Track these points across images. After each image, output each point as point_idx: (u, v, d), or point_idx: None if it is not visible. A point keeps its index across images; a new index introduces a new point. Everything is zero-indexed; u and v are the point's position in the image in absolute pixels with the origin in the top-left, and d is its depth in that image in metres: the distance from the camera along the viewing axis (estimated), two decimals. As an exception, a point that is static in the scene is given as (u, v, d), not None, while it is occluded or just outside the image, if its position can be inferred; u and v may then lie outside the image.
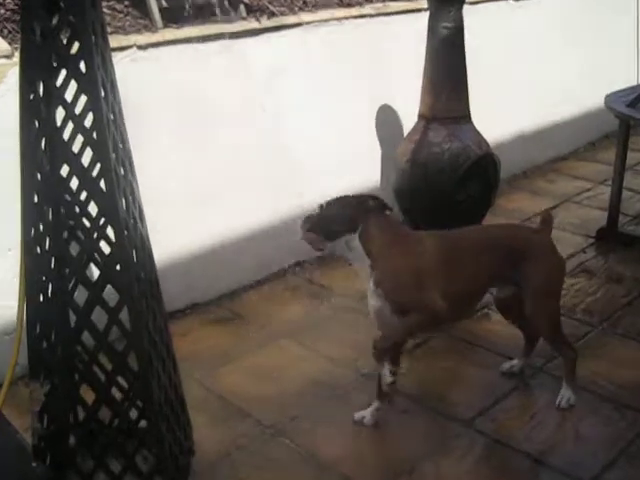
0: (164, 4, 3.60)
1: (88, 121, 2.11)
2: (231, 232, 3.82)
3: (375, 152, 4.45)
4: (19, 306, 2.30)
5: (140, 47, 3.28)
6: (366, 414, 2.85)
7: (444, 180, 3.86)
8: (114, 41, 3.16)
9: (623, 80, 5.34)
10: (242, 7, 3.80)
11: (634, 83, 5.11)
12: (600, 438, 2.74)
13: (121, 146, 2.24)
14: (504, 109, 5.17)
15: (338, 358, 3.27)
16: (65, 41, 2.10)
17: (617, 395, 2.96)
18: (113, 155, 2.14)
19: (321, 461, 2.64)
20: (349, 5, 4.25)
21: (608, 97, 4.31)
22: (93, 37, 2.06)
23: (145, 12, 3.50)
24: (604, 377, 3.07)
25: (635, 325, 3.45)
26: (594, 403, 2.92)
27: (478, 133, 4.04)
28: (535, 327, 2.94)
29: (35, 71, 2.09)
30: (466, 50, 3.93)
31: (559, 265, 2.95)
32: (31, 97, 2.10)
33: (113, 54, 2.61)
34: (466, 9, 3.91)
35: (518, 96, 5.33)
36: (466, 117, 3.99)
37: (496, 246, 2.84)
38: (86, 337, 2.27)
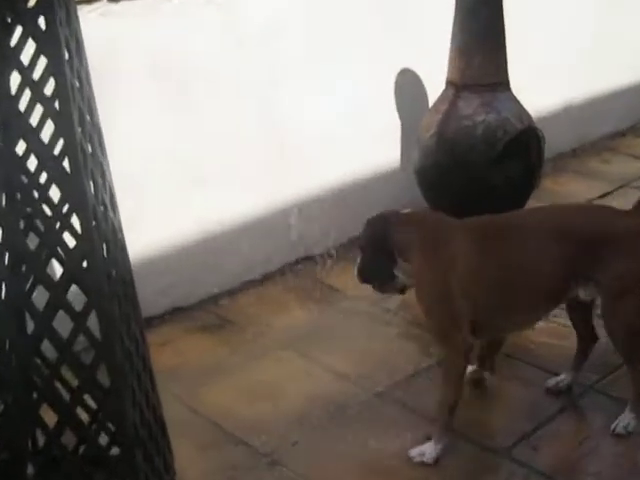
0: (140, -53, 3.60)
1: (49, 88, 2.10)
2: (221, 223, 3.85)
3: (393, 127, 4.46)
4: (-34, 310, 2.30)
5: (111, -1, 3.29)
6: (425, 450, 2.80)
7: (477, 159, 3.88)
8: (81, -8, 3.17)
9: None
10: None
11: None
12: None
13: (88, 118, 2.24)
14: (550, 75, 5.17)
15: (349, 373, 3.29)
16: (21, -8, 2.11)
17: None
18: (79, 129, 2.14)
19: (328, 496, 2.67)
20: (363, -52, 4.25)
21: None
22: (55, -13, 2.06)
23: (117, -43, 3.50)
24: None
25: None
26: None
27: (518, 103, 4.05)
28: (609, 334, 2.87)
29: (-15, 28, 2.09)
30: (505, 5, 3.94)
31: None
32: (-20, 59, 2.10)
33: (79, 7, 2.62)
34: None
35: (568, 60, 5.32)
36: (504, 84, 4.00)
37: (568, 234, 2.76)
38: (47, 347, 2.26)
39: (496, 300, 2.81)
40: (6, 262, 2.23)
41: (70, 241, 2.19)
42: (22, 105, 2.14)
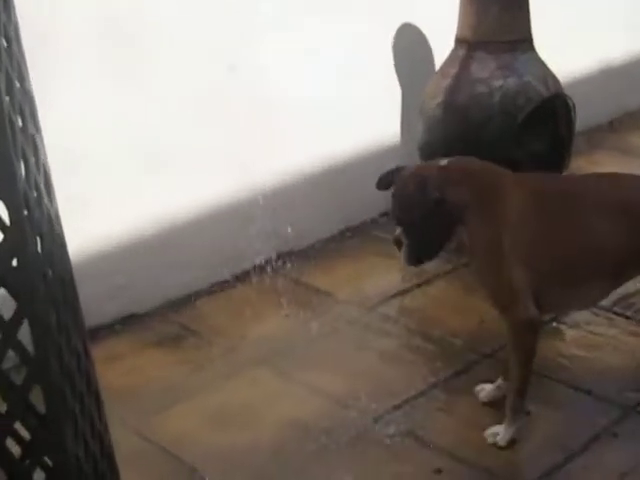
0: None
1: (-32, 48, 2.10)
2: (183, 213, 3.85)
3: (393, 94, 4.46)
4: None
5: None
6: (499, 431, 3.01)
7: (494, 132, 3.89)
8: None
9: None
10: None
11: None
12: None
13: (18, 85, 2.23)
14: (583, 33, 5.18)
15: (338, 395, 3.28)
16: None
17: None
18: (7, 98, 2.13)
19: None
20: None
21: None
22: None
23: None
24: None
25: None
26: None
27: (543, 65, 4.06)
28: None
29: None
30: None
31: None
32: None
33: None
34: None
35: (605, 14, 5.33)
36: (526, 42, 4.01)
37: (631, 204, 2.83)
38: (-32, 364, 2.27)
39: (557, 269, 2.89)
40: None
41: (-4, 234, 2.19)
42: None
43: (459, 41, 4.04)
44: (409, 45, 4.45)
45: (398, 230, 2.95)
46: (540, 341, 3.47)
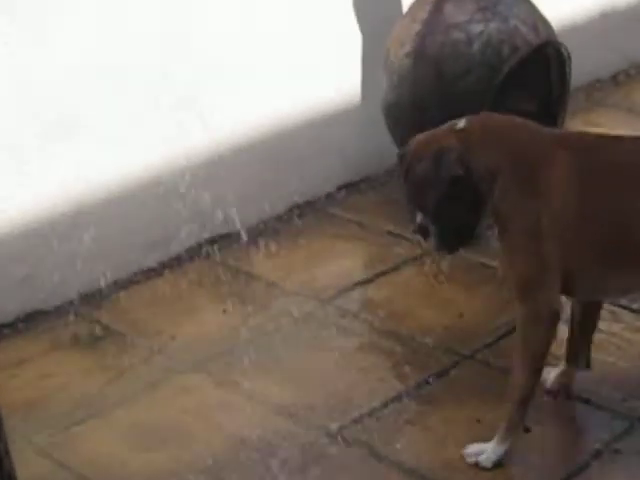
0: None
1: None
2: (97, 190, 3.84)
3: (350, 43, 4.47)
4: None
5: None
6: (485, 449, 3.00)
7: (474, 88, 3.92)
8: None
9: None
10: None
11: None
12: None
13: None
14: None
15: (287, 406, 3.30)
16: None
17: None
18: None
19: None
20: None
21: None
22: None
23: None
24: None
25: None
26: None
27: (534, 7, 4.09)
28: None
29: None
30: None
31: None
32: None
33: None
34: None
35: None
36: (512, -21, 4.05)
37: None
38: None
39: (598, 248, 2.91)
40: None
41: None
42: None
43: (431, -22, 4.07)
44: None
45: (419, 217, 2.98)
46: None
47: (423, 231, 2.98)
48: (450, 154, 2.85)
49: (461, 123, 2.97)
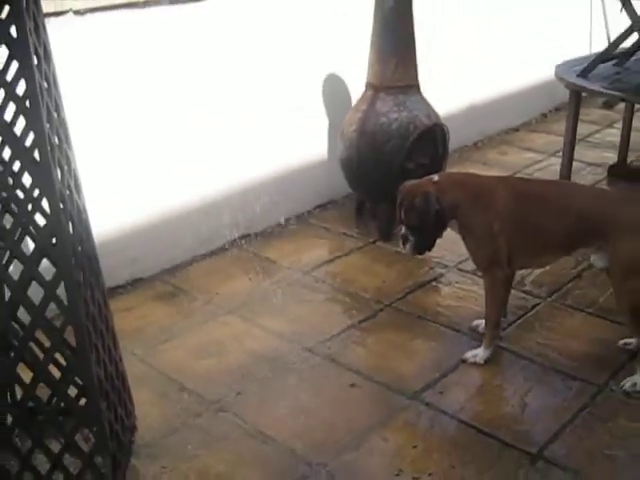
0: (102, -33, 3.56)
1: (20, 89, 2.07)
2: (174, 205, 3.82)
3: (322, 123, 4.46)
4: (-50, 282, 2.28)
5: (77, 12, 3.23)
6: (478, 353, 3.07)
7: (392, 149, 3.92)
8: (49, 6, 3.10)
9: (576, 50, 5.43)
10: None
11: (586, 53, 5.17)
12: (548, 409, 2.80)
13: (56, 115, 2.22)
14: (455, 80, 5.22)
15: (283, 333, 3.29)
16: (-6, 5, 2.08)
17: (565, 366, 3.03)
18: (47, 124, 2.11)
19: (267, 436, 2.67)
20: (295, -30, 4.23)
21: (559, 67, 4.31)
22: (24, 1, 2.03)
23: (81, -23, 3.46)
24: (552, 348, 3.14)
25: (584, 297, 3.53)
26: (542, 374, 2.99)
27: (427, 103, 4.09)
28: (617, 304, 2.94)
29: (-37, 37, 2.05)
30: (415, 20, 3.96)
31: None
32: (-41, 64, 2.07)
33: (49, 20, 2.59)
34: (415, -26, 3.95)
35: (469, 67, 5.38)
36: (415, 87, 4.04)
37: (577, 209, 2.87)
38: (22, 313, 2.25)
39: (523, 242, 2.96)
40: (-15, 240, 2.21)
41: (41, 221, 2.17)
42: None
43: (368, 85, 4.05)
44: (334, 88, 4.44)
45: (404, 229, 3.01)
46: (422, 295, 3.55)
47: (404, 239, 3.02)
48: (432, 196, 2.90)
49: (435, 177, 3.03)
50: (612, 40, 4.25)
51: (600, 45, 5.96)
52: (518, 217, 2.92)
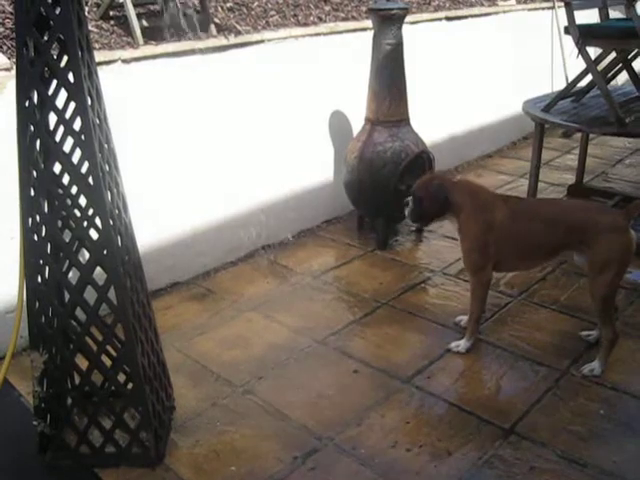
0: (145, 24, 3.56)
1: (77, 125, 2.09)
2: (206, 220, 3.79)
3: (328, 151, 4.44)
4: (19, 286, 2.28)
5: (124, 61, 3.24)
6: (460, 343, 3.05)
7: (387, 173, 3.91)
8: (101, 56, 3.11)
9: (540, 89, 5.43)
10: (212, 26, 3.77)
11: (548, 91, 5.18)
12: (518, 391, 2.78)
13: (106, 146, 2.23)
14: (438, 114, 5.21)
15: (297, 327, 3.27)
16: (55, 55, 2.09)
17: (532, 354, 3.01)
18: (99, 154, 2.12)
19: (284, 414, 2.66)
20: (305, 24, 4.23)
21: (526, 103, 4.35)
22: (80, 52, 2.04)
23: (128, 31, 3.46)
24: (522, 339, 3.12)
25: (548, 296, 3.50)
26: (514, 361, 2.96)
27: (416, 134, 4.08)
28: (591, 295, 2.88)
29: (30, 81, 2.06)
30: (405, 63, 3.96)
31: (619, 247, 2.73)
32: (27, 104, 2.07)
33: (101, 67, 2.60)
34: (406, 28, 3.94)
35: (450, 103, 5.37)
36: (405, 120, 4.03)
37: (563, 222, 2.84)
38: (79, 312, 2.25)
39: (514, 251, 2.94)
40: (48, 251, 2.23)
41: (94, 235, 2.19)
42: (57, 137, 2.15)
43: (367, 120, 4.04)
44: (338, 122, 4.43)
45: (410, 203, 3.02)
46: (414, 295, 3.53)
47: (408, 206, 3.04)
48: (446, 188, 2.92)
49: (457, 178, 3.11)
50: (570, 80, 4.25)
51: (560, 84, 6.01)
52: (512, 233, 2.88)
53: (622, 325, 3.18)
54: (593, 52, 3.98)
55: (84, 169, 2.12)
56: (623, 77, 4.89)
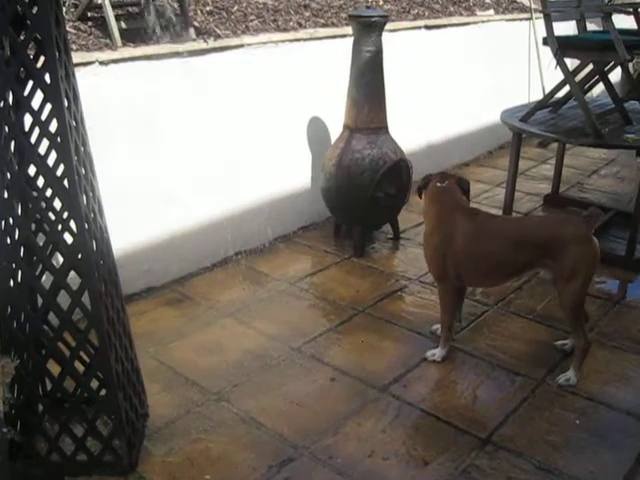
0: (123, 26, 3.53)
1: (53, 127, 2.05)
2: (182, 225, 3.76)
3: (307, 158, 4.42)
4: (-9, 290, 2.23)
5: (102, 63, 3.20)
6: (436, 352, 3.04)
7: (365, 180, 3.90)
8: (78, 57, 3.08)
9: (516, 99, 5.47)
10: (192, 30, 3.75)
11: (525, 102, 5.21)
12: (495, 400, 2.78)
13: (82, 149, 2.19)
14: (416, 122, 5.22)
15: (273, 334, 3.24)
16: (32, 55, 2.05)
17: (509, 364, 3.01)
18: (75, 157, 2.09)
19: (259, 422, 2.63)
20: (285, 30, 4.22)
21: (504, 113, 4.39)
22: (57, 52, 2.00)
23: (106, 32, 3.43)
24: (498, 348, 3.12)
25: (524, 305, 3.52)
26: (490, 371, 2.97)
27: (394, 142, 4.08)
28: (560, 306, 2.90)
29: (5, 81, 2.02)
30: (385, 71, 3.96)
31: (584, 256, 2.75)
32: (1, 104, 2.03)
33: (78, 69, 2.56)
34: (385, 36, 3.95)
35: (428, 112, 5.39)
36: (384, 128, 4.03)
37: (526, 240, 2.83)
38: (52, 317, 2.22)
39: (475, 267, 2.92)
40: (21, 254, 2.20)
41: (69, 239, 2.16)
42: (33, 139, 2.11)
43: (345, 127, 4.04)
44: (317, 128, 4.42)
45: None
46: (390, 303, 3.52)
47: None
48: (433, 185, 3.06)
49: (455, 187, 3.03)
50: (547, 91, 4.28)
51: (536, 95, 6.06)
52: (474, 250, 2.86)
53: (597, 335, 3.21)
54: (570, 64, 4.01)
55: (59, 172, 2.08)
56: (599, 89, 4.93)
